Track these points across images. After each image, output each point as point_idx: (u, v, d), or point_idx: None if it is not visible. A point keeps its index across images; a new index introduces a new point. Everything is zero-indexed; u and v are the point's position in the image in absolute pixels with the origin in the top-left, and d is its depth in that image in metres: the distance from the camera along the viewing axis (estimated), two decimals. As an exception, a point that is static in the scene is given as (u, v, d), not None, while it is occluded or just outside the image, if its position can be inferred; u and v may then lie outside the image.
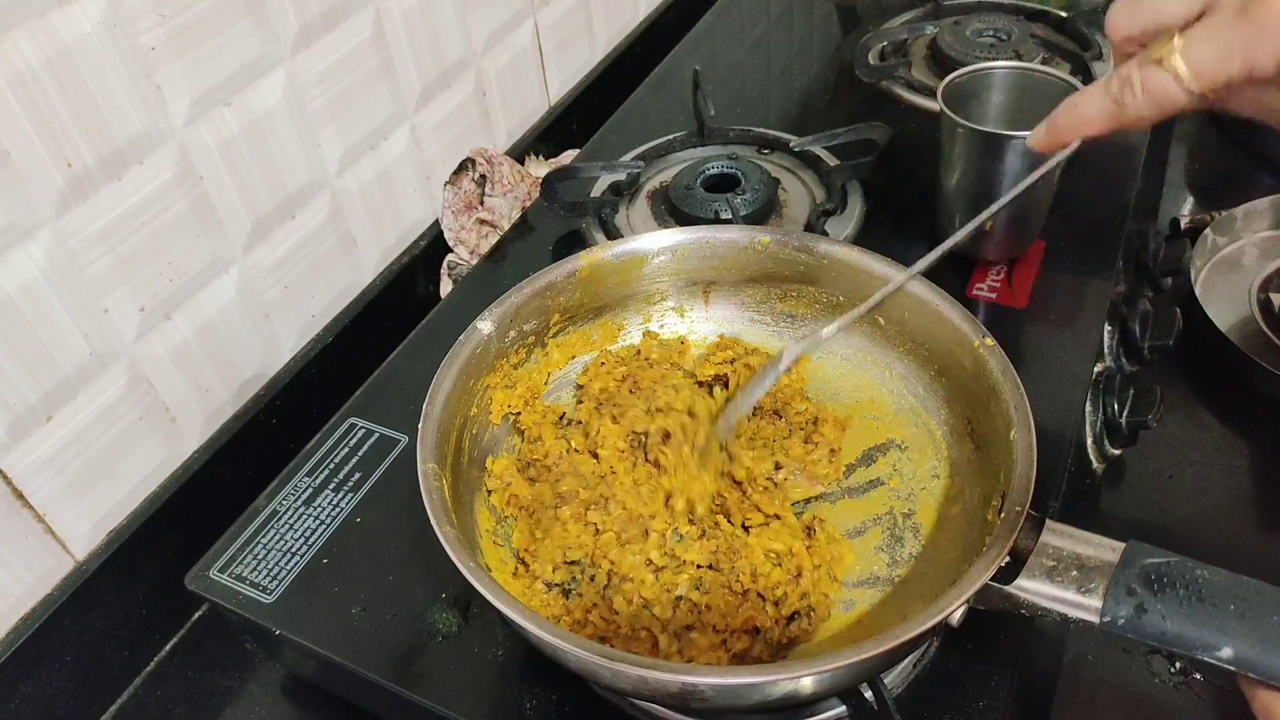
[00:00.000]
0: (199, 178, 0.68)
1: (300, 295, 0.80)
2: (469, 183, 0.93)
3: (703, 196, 0.83)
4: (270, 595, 0.60)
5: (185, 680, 0.69)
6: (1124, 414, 0.74)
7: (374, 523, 0.64)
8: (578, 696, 0.55)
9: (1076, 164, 0.88)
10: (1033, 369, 0.70)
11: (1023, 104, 0.77)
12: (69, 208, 0.60)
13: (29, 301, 0.59)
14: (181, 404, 0.72)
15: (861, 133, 0.87)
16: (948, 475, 0.62)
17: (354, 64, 0.78)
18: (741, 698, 0.46)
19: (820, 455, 0.63)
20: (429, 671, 0.56)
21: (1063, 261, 0.79)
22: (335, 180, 0.80)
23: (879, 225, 0.84)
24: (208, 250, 0.70)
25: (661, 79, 1.08)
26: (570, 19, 1.06)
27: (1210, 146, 1.15)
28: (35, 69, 0.56)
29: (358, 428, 0.70)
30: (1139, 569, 0.45)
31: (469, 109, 0.93)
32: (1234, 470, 0.81)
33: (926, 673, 0.55)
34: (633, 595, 0.55)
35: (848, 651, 0.44)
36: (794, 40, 1.15)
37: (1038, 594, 0.47)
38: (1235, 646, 0.42)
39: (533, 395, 0.66)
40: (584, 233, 0.85)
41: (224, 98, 0.68)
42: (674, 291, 0.71)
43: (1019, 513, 0.48)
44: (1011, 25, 1.01)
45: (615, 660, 0.44)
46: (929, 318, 0.62)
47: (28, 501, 0.62)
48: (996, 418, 0.56)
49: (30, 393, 0.61)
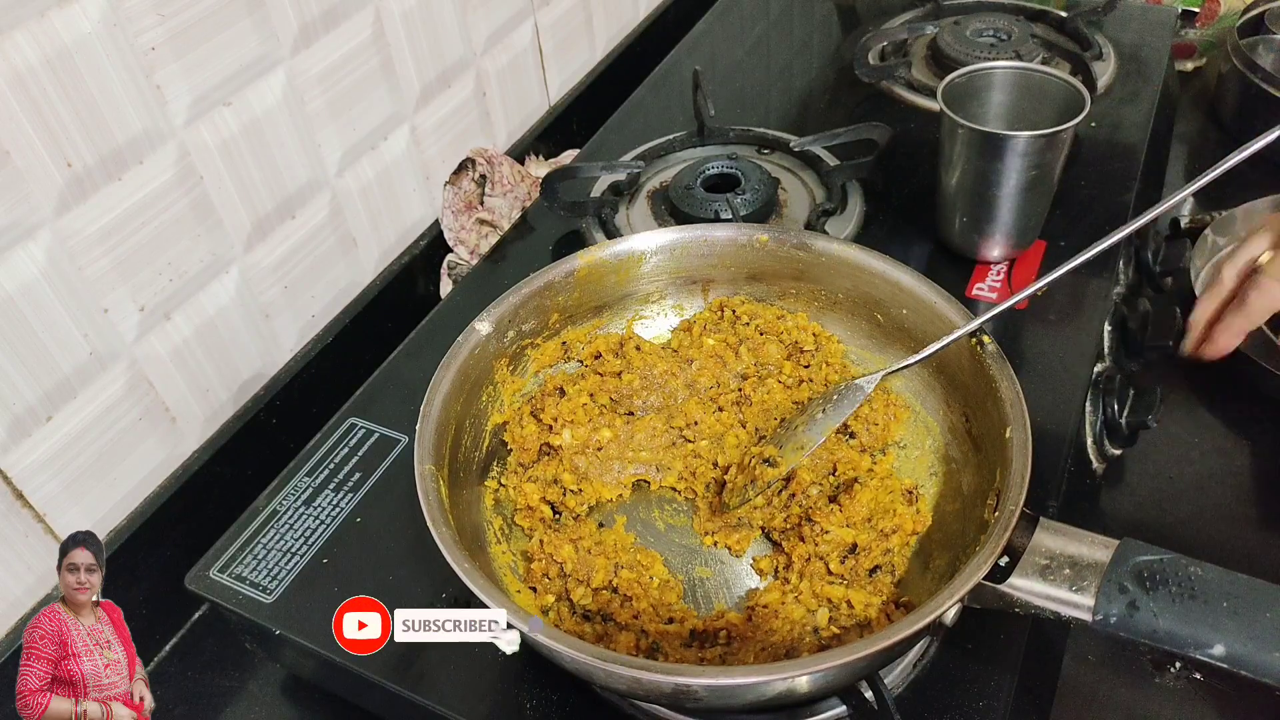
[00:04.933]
0: (199, 178, 0.68)
1: (300, 295, 0.80)
2: (469, 183, 0.93)
3: (703, 196, 0.83)
4: (270, 595, 0.60)
5: (185, 680, 0.69)
6: (1124, 414, 0.74)
7: (374, 523, 0.64)
8: (578, 696, 0.55)
9: (1076, 164, 0.88)
10: (1033, 369, 0.70)
11: (1023, 104, 0.77)
12: (69, 208, 0.60)
13: (29, 301, 0.59)
14: (181, 404, 0.72)
15: (861, 133, 0.87)
16: (945, 473, 0.62)
17: (354, 64, 0.78)
18: (735, 697, 0.46)
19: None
20: (429, 671, 0.56)
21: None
22: (335, 180, 0.80)
23: (879, 225, 0.84)
24: (208, 250, 0.70)
25: (661, 79, 1.08)
26: (570, 19, 1.06)
27: (1210, 146, 1.15)
28: (35, 69, 0.56)
29: (358, 428, 0.70)
30: (1131, 567, 0.45)
31: (469, 109, 0.93)
32: (1234, 470, 0.81)
33: (926, 673, 0.55)
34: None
35: (841, 650, 0.44)
36: (794, 40, 1.15)
37: (1031, 592, 0.47)
38: (1227, 644, 0.42)
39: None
40: (584, 233, 0.85)
41: (224, 98, 0.68)
42: (673, 290, 0.71)
43: (1014, 511, 0.48)
44: (1011, 25, 1.01)
45: (609, 661, 0.44)
46: (928, 316, 0.62)
47: (28, 501, 0.62)
48: (994, 416, 0.56)
49: (30, 393, 0.61)
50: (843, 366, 0.67)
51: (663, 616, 0.55)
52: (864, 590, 0.55)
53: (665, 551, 0.61)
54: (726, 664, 0.53)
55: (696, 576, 0.60)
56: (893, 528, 0.57)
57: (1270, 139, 0.51)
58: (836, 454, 0.62)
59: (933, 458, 0.63)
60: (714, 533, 0.61)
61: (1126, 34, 1.05)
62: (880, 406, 0.64)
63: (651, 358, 0.67)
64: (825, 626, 0.54)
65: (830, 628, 0.54)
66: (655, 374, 0.67)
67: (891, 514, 0.57)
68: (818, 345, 0.68)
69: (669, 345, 0.70)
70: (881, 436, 0.64)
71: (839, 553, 0.56)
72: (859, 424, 0.63)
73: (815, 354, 0.67)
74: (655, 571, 0.58)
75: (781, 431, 0.63)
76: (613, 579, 0.57)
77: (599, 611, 0.56)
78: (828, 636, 0.54)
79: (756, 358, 0.68)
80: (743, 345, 0.68)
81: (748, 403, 0.65)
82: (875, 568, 0.56)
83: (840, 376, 0.66)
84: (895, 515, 0.57)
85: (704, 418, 0.65)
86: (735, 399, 0.66)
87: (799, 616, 0.54)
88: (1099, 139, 0.91)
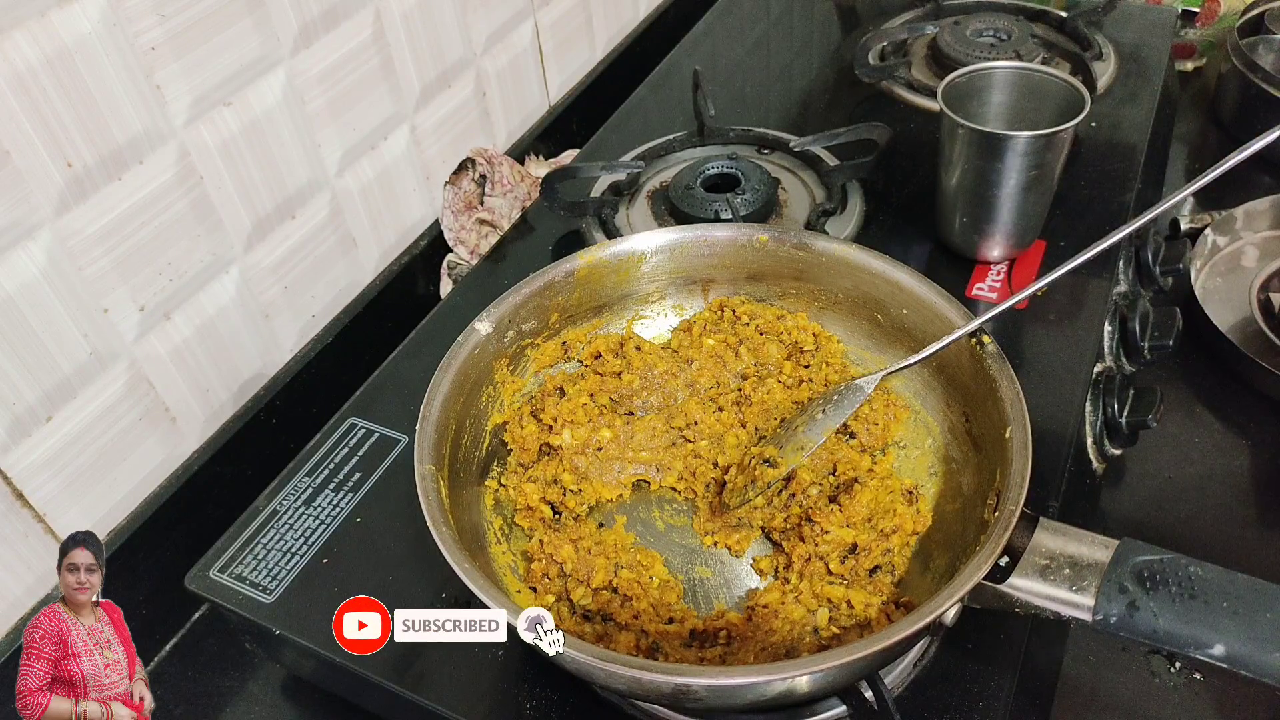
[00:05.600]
0: (199, 178, 0.68)
1: (300, 295, 0.80)
2: (469, 183, 0.93)
3: (703, 196, 0.83)
4: (270, 595, 0.60)
5: (185, 680, 0.69)
6: (1124, 414, 0.74)
7: (374, 523, 0.64)
8: (578, 697, 0.55)
9: (1076, 164, 0.88)
10: (1033, 369, 0.70)
11: (1023, 104, 0.77)
12: (69, 208, 0.60)
13: (29, 301, 0.59)
14: (181, 404, 0.72)
15: (861, 133, 0.87)
16: (945, 473, 0.62)
17: (354, 64, 0.78)
18: (735, 697, 0.46)
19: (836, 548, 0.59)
20: (429, 671, 0.56)
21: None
22: (335, 180, 0.80)
23: (879, 225, 0.84)
24: (208, 250, 0.70)
25: (661, 79, 1.08)
26: (570, 19, 1.06)
27: (1210, 146, 1.16)
28: (35, 69, 0.56)
29: (358, 428, 0.70)
30: (1131, 566, 0.45)
31: (469, 109, 0.93)
32: (1234, 470, 0.81)
33: (926, 673, 0.55)
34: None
35: (841, 650, 0.44)
36: (794, 40, 1.15)
37: (1031, 592, 0.47)
38: (1228, 644, 0.42)
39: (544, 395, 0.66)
40: (584, 233, 0.85)
41: (224, 98, 0.68)
42: (673, 290, 0.71)
43: (1014, 511, 0.48)
44: (1011, 25, 1.01)
45: (609, 661, 0.44)
46: (928, 316, 0.62)
47: (28, 501, 0.62)
48: (994, 416, 0.56)
49: (30, 393, 0.61)
50: (843, 366, 0.67)
51: (663, 616, 0.55)
52: (864, 590, 0.55)
53: (665, 551, 0.61)
54: (726, 664, 0.53)
55: (696, 576, 0.60)
56: (893, 528, 0.57)
57: (1270, 139, 0.51)
58: (836, 454, 0.62)
59: (933, 458, 0.63)
60: (714, 533, 0.61)
61: (1126, 34, 1.05)
62: (880, 406, 0.64)
63: (651, 358, 0.67)
64: (825, 626, 0.54)
65: (830, 628, 0.54)
66: (655, 374, 0.67)
67: (891, 514, 0.57)
68: (818, 345, 0.68)
69: (669, 345, 0.70)
70: (881, 436, 0.64)
71: (839, 553, 0.56)
72: (859, 424, 0.63)
73: (815, 354, 0.67)
74: (655, 571, 0.58)
75: (782, 432, 0.63)
76: (613, 579, 0.57)
77: (599, 611, 0.56)
78: (828, 636, 0.54)
79: (756, 358, 0.68)
80: (743, 345, 0.68)
81: (748, 403, 0.65)
82: (875, 568, 0.56)
83: (840, 376, 0.66)
84: (895, 515, 0.57)
85: (704, 418, 0.65)
86: (735, 399, 0.66)
87: (799, 616, 0.54)
88: (1099, 139, 0.91)
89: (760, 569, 0.59)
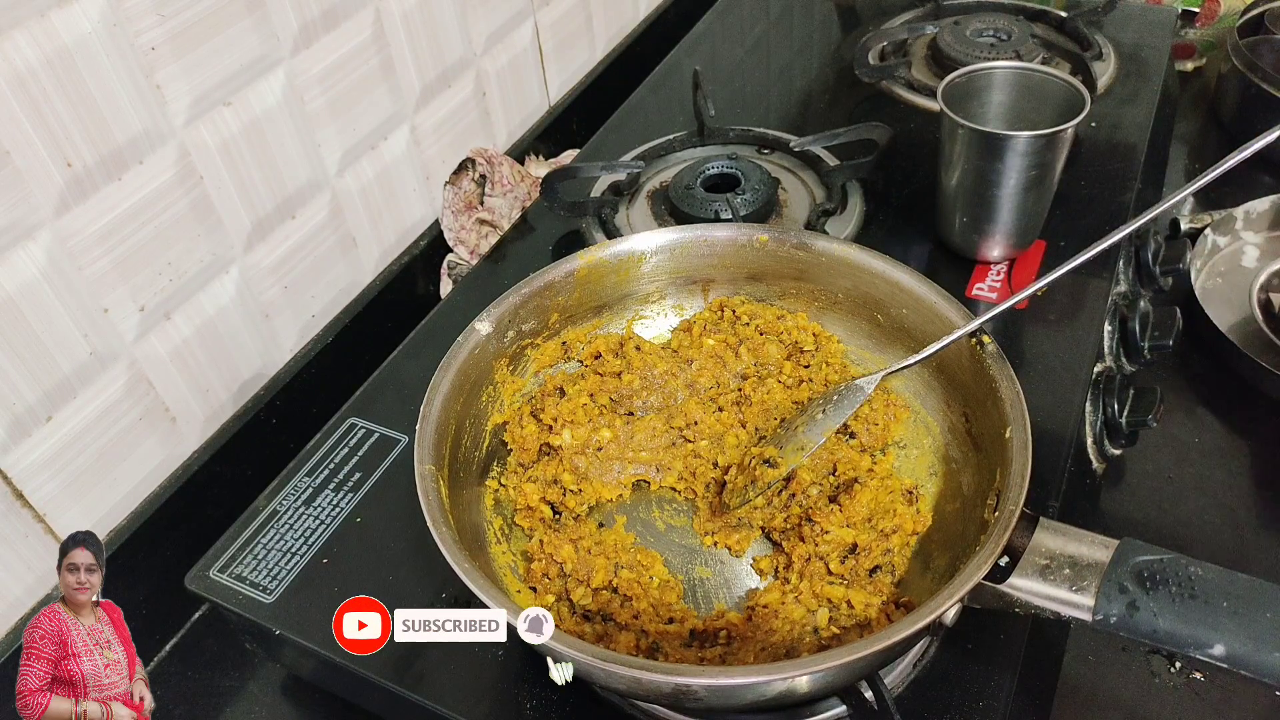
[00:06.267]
0: (199, 178, 0.68)
1: (300, 295, 0.80)
2: (469, 183, 0.93)
3: (703, 196, 0.83)
4: (270, 595, 0.60)
5: (185, 680, 0.69)
6: (1124, 414, 0.74)
7: (374, 523, 0.64)
8: (578, 697, 0.55)
9: (1077, 164, 0.88)
10: (1033, 369, 0.70)
11: (1023, 104, 0.77)
12: (69, 208, 0.60)
13: (29, 301, 0.59)
14: (181, 404, 0.72)
15: (861, 133, 0.87)
16: (945, 473, 0.62)
17: (354, 64, 0.78)
18: (735, 697, 0.46)
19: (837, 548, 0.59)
20: (429, 671, 0.56)
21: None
22: (335, 180, 0.80)
23: (879, 225, 0.84)
24: (208, 250, 0.70)
25: (661, 79, 1.08)
26: (570, 19, 1.06)
27: (1210, 146, 1.16)
28: (35, 69, 0.56)
29: (358, 428, 0.70)
30: (1131, 566, 0.45)
31: (469, 109, 0.93)
32: (1234, 470, 0.81)
33: (926, 673, 0.55)
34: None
35: (841, 650, 0.44)
36: (794, 40, 1.15)
37: (1031, 592, 0.47)
38: (1228, 644, 0.42)
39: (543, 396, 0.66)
40: (584, 233, 0.85)
41: (224, 98, 0.68)
42: (673, 290, 0.71)
43: (1014, 511, 0.48)
44: (1011, 25, 1.01)
45: (609, 661, 0.44)
46: (928, 316, 0.62)
47: (28, 501, 0.62)
48: (994, 416, 0.56)
49: (30, 393, 0.61)
50: (843, 366, 0.67)
51: (663, 616, 0.55)
52: (864, 590, 0.55)
53: (665, 551, 0.61)
54: (726, 664, 0.53)
55: (696, 576, 0.60)
56: (893, 528, 0.57)
57: (1270, 139, 0.51)
58: (837, 454, 0.62)
59: (933, 458, 0.63)
60: (714, 533, 0.61)
61: (1126, 34, 1.05)
62: (880, 406, 0.64)
63: (651, 358, 0.67)
64: (825, 626, 0.54)
65: (830, 628, 0.54)
66: (655, 374, 0.67)
67: (891, 514, 0.57)
68: (818, 345, 0.68)
69: (669, 345, 0.70)
70: (881, 436, 0.64)
71: (839, 553, 0.56)
72: (859, 424, 0.63)
73: (815, 354, 0.67)
74: (655, 571, 0.58)
75: (782, 432, 0.63)
76: (613, 579, 0.57)
77: (599, 611, 0.56)
78: (828, 636, 0.54)
79: (756, 358, 0.68)
80: (743, 345, 0.68)
81: (748, 403, 0.65)
82: (875, 568, 0.56)
83: (840, 376, 0.66)
84: (895, 515, 0.57)
85: (704, 418, 0.65)
86: (735, 399, 0.66)
87: (799, 616, 0.54)
88: (1099, 139, 0.91)
89: (760, 569, 0.59)
